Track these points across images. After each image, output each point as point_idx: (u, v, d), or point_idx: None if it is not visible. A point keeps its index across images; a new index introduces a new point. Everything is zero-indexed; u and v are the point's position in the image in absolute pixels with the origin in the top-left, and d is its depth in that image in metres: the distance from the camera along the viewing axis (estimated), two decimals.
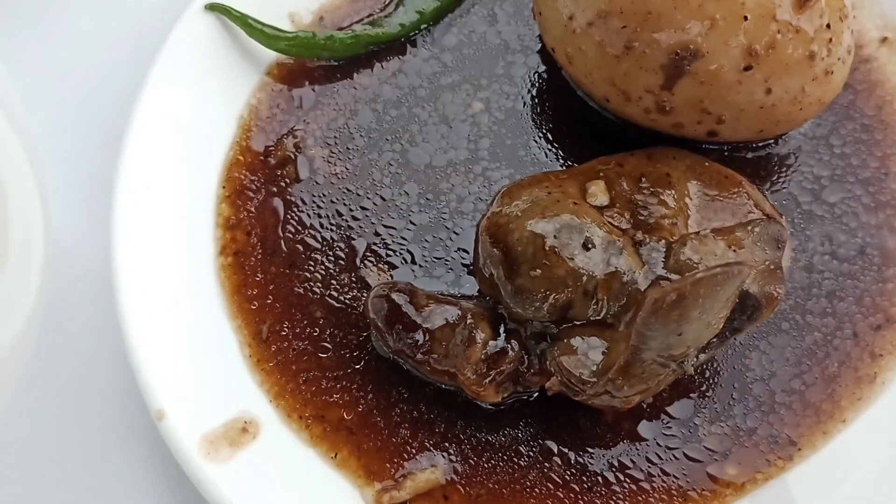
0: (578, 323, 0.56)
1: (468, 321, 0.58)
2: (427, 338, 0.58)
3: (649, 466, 0.60)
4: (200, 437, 0.58)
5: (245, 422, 0.60)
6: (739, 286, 0.52)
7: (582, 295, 0.55)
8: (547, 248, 0.56)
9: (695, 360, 0.55)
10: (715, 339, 0.55)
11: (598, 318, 0.56)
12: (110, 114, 0.75)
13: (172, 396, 0.59)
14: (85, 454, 0.65)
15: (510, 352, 0.58)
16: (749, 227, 0.57)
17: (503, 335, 0.58)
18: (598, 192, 0.60)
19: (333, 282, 0.66)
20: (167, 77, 0.69)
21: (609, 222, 0.58)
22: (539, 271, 0.56)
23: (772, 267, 0.56)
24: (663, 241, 0.57)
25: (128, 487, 0.64)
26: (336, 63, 0.74)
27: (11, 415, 0.62)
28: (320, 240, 0.67)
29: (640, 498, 0.59)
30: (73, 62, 0.80)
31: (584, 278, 0.55)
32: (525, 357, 0.58)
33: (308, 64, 0.74)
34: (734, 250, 0.56)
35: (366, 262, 0.66)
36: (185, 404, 0.59)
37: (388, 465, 0.60)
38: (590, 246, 0.56)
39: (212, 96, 0.71)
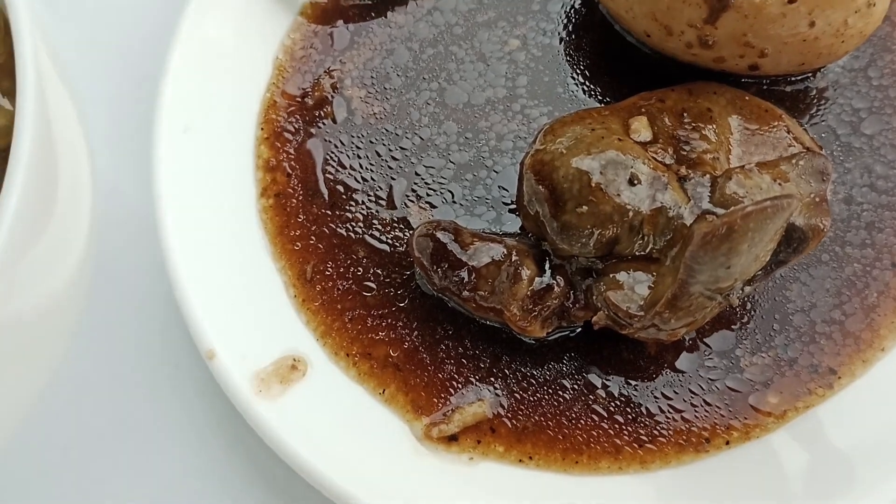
0: (624, 258, 0.57)
1: (513, 258, 0.59)
2: (473, 275, 0.59)
3: (692, 397, 0.61)
4: (251, 375, 0.60)
5: (294, 359, 0.61)
6: (788, 218, 0.52)
7: (628, 230, 0.56)
8: (593, 185, 0.56)
9: (740, 292, 0.56)
10: (760, 272, 0.56)
11: (643, 253, 0.57)
12: (144, 55, 0.75)
13: (222, 336, 0.60)
14: (135, 394, 0.66)
15: (556, 287, 0.58)
16: (794, 161, 0.58)
17: (548, 271, 0.59)
18: (641, 128, 0.60)
19: (375, 221, 0.66)
20: (201, 18, 0.69)
21: (653, 158, 0.58)
22: (585, 208, 0.56)
23: (817, 199, 0.56)
24: (708, 175, 0.57)
25: (179, 425, 0.65)
26: (370, 1, 0.74)
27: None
28: (360, 180, 0.68)
29: (683, 428, 0.60)
30: (106, 2, 0.79)
31: (631, 214, 0.56)
32: (571, 293, 0.59)
33: (342, 3, 0.73)
34: (779, 184, 0.56)
35: (406, 201, 0.67)
36: (234, 344, 0.60)
37: (435, 399, 0.61)
38: (635, 181, 0.56)
39: (246, 37, 0.71)
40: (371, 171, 0.68)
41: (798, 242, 0.55)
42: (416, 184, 0.67)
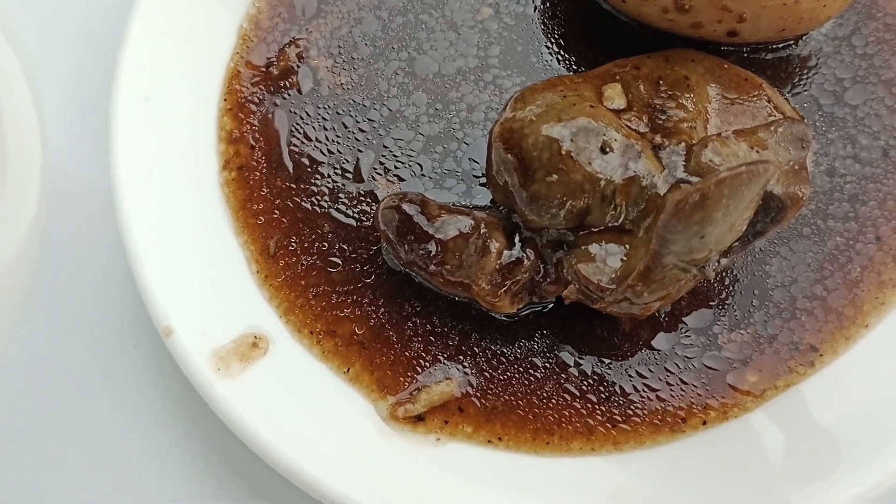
0: (596, 229, 0.55)
1: (482, 231, 0.57)
2: (440, 248, 0.57)
3: (668, 376, 0.59)
4: (210, 353, 0.57)
5: (255, 336, 0.59)
6: (765, 185, 0.50)
7: (600, 200, 0.54)
8: (563, 153, 0.53)
9: (716, 264, 0.54)
10: (737, 243, 0.54)
11: (616, 224, 0.54)
12: (105, 27, 0.72)
13: (179, 313, 0.58)
14: (93, 375, 0.64)
15: (526, 261, 0.56)
16: (772, 128, 0.55)
17: (518, 244, 0.57)
18: (615, 96, 0.58)
19: (341, 195, 0.64)
20: None
21: (626, 126, 0.56)
22: (555, 177, 0.54)
23: (796, 167, 0.54)
24: (683, 143, 0.55)
25: (138, 406, 0.63)
26: None
27: (17, 336, 0.61)
28: (326, 153, 0.65)
29: (658, 407, 0.58)
30: None
31: (602, 183, 0.53)
32: (541, 266, 0.56)
33: None
34: (757, 151, 0.54)
35: (374, 174, 0.64)
36: (192, 320, 0.58)
37: (401, 378, 0.59)
38: (608, 149, 0.54)
39: (210, 5, 0.68)
40: (337, 143, 0.65)
41: (776, 211, 0.53)
42: (384, 156, 0.65)
